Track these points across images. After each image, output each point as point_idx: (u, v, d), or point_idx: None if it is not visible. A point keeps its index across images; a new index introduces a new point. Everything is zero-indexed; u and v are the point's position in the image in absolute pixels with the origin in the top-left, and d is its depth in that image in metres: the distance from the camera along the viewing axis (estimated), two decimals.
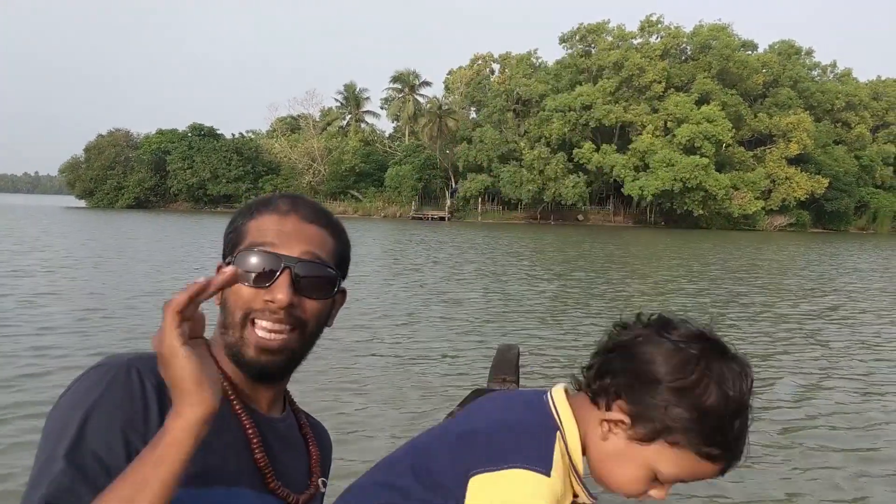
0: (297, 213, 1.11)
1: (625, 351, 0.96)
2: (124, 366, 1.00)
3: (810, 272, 23.93)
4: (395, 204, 68.09)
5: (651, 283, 19.39)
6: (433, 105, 72.25)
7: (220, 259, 1.15)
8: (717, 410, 0.92)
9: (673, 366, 0.93)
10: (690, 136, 60.28)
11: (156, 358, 0.93)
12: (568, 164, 62.86)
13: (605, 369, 0.97)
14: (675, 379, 0.92)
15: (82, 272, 16.95)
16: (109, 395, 0.97)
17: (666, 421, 0.92)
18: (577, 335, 11.16)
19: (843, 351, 10.46)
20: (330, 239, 1.13)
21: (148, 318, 10.83)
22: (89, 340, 9.33)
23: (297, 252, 1.07)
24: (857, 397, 7.89)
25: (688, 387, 0.92)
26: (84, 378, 1.01)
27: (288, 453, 1.13)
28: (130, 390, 0.98)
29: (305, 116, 76.40)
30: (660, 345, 0.94)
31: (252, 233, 1.09)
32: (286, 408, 1.19)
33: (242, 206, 1.17)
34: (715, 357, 0.95)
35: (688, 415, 0.91)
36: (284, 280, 1.04)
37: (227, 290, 1.06)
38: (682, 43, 69.94)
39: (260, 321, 1.05)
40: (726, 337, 0.98)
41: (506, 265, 22.90)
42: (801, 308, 14.78)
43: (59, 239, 28.14)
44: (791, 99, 69.39)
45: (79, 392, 0.98)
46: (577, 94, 63.19)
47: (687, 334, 0.96)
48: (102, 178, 71.88)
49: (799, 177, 65.94)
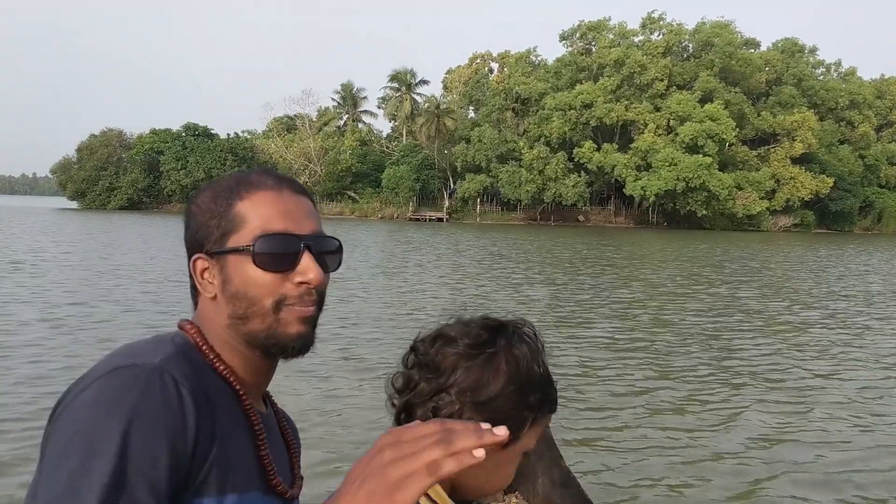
0: (286, 187, 1.07)
1: (448, 386, 0.97)
2: (157, 369, 0.91)
3: (857, 285, 23.70)
4: (393, 205, 67.91)
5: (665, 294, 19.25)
6: (431, 104, 72.02)
7: (190, 255, 1.07)
8: (544, 377, 1.01)
9: (500, 374, 0.97)
10: (693, 134, 60.13)
11: (186, 358, 0.94)
12: (568, 163, 62.73)
13: (440, 409, 0.98)
14: (507, 383, 0.96)
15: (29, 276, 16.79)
16: (147, 402, 0.88)
17: (527, 415, 0.97)
18: (577, 335, 11.04)
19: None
20: (314, 207, 1.11)
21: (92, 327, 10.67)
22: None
23: (307, 229, 1.05)
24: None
25: (524, 381, 0.97)
26: (108, 379, 0.90)
27: (276, 448, 1.11)
28: (168, 399, 0.90)
29: (302, 116, 76.26)
30: (473, 364, 0.98)
31: (250, 215, 1.03)
32: (266, 400, 1.17)
33: (208, 187, 1.09)
34: (514, 341, 1.01)
35: (539, 396, 0.98)
36: (310, 260, 1.03)
37: (237, 280, 1.02)
38: (684, 40, 69.92)
39: (293, 307, 1.03)
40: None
41: (506, 266, 22.77)
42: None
43: (27, 241, 27.94)
44: (795, 97, 69.33)
45: (105, 396, 0.88)
46: (577, 92, 63.07)
47: (476, 338, 1.00)
48: (94, 178, 71.63)
49: (803, 176, 65.85)
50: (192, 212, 1.08)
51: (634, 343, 10.79)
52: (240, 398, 1.03)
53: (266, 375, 1.10)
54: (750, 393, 8.04)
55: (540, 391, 0.99)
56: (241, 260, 1.02)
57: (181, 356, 0.96)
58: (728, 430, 6.71)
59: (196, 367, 0.98)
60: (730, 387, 8.29)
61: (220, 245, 1.03)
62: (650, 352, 10.16)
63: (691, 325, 12.50)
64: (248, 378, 1.06)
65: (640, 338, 11.22)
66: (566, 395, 7.38)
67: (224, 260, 1.03)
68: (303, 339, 1.04)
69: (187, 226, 1.08)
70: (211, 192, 1.07)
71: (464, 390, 0.96)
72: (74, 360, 8.24)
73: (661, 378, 8.61)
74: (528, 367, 0.99)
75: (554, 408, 1.03)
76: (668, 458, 5.92)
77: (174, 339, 1.01)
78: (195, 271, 1.06)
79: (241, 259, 1.02)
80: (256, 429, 1.04)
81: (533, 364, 1.00)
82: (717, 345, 10.86)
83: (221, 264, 1.03)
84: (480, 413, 0.95)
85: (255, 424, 1.04)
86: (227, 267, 1.03)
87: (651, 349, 10.36)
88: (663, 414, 7.14)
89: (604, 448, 6.09)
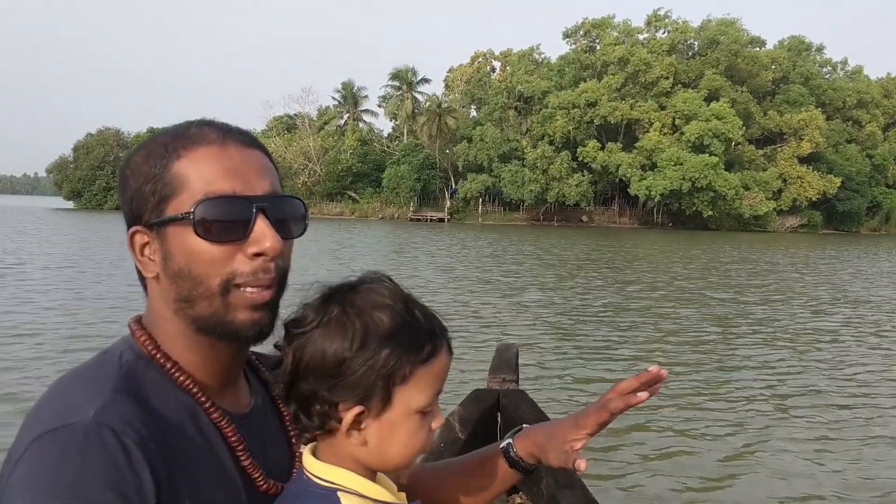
0: (232, 140, 0.92)
1: (300, 372, 0.91)
2: (93, 426, 0.78)
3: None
4: (393, 205, 67.93)
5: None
6: (432, 103, 72.00)
7: (128, 227, 0.93)
8: (397, 323, 0.91)
9: (336, 337, 0.90)
10: (699, 133, 60.12)
11: (130, 390, 0.83)
12: (572, 163, 62.68)
13: (304, 401, 0.93)
14: (349, 345, 0.89)
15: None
16: (88, 472, 0.75)
17: (381, 374, 0.90)
18: (576, 334, 11.01)
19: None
20: (271, 162, 0.96)
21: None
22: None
23: (260, 189, 0.91)
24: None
25: (363, 336, 0.90)
26: (39, 449, 0.77)
27: (270, 440, 1.01)
28: (113, 460, 0.77)
29: (302, 115, 76.30)
30: (312, 337, 0.91)
31: (190, 177, 0.88)
32: (251, 388, 1.03)
33: (142, 146, 0.93)
34: (350, 297, 0.93)
35: (387, 350, 0.90)
36: (265, 225, 0.89)
37: (179, 256, 0.89)
38: (690, 38, 69.93)
39: (244, 289, 0.89)
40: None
41: (506, 267, 22.75)
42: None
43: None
44: (803, 96, 69.29)
45: (39, 476, 0.75)
46: (581, 90, 63.09)
47: (316, 309, 0.93)
48: (91, 178, 71.74)
49: (811, 176, 65.78)
50: (125, 176, 0.92)
51: (644, 347, 10.75)
52: (206, 412, 0.91)
53: (236, 361, 0.97)
54: (750, 393, 8.00)
55: (392, 342, 0.90)
56: (181, 231, 0.88)
57: (122, 395, 0.83)
58: (732, 435, 6.67)
59: (147, 392, 0.86)
60: (734, 389, 8.25)
61: (158, 214, 0.89)
62: (663, 356, 10.12)
63: (707, 333, 12.46)
64: (214, 376, 0.95)
65: (652, 343, 11.18)
66: (572, 400, 7.35)
67: (164, 232, 0.89)
68: (258, 326, 0.91)
69: (122, 194, 0.93)
70: (145, 151, 0.92)
71: (311, 368, 0.90)
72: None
73: (669, 382, 8.54)
74: (368, 320, 0.90)
75: (429, 355, 0.93)
76: (674, 462, 5.89)
77: (121, 360, 0.89)
78: (134, 247, 0.92)
79: (182, 229, 0.88)
80: (232, 440, 0.93)
81: (378, 314, 0.91)
82: (727, 350, 10.82)
83: (161, 237, 0.89)
84: (337, 387, 0.90)
85: (230, 437, 0.93)
86: (168, 240, 0.89)
87: (661, 352, 10.32)
88: (671, 419, 7.09)
89: (609, 450, 6.05)
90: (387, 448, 0.94)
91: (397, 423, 0.93)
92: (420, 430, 0.95)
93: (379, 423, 0.93)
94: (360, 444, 0.93)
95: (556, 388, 7.91)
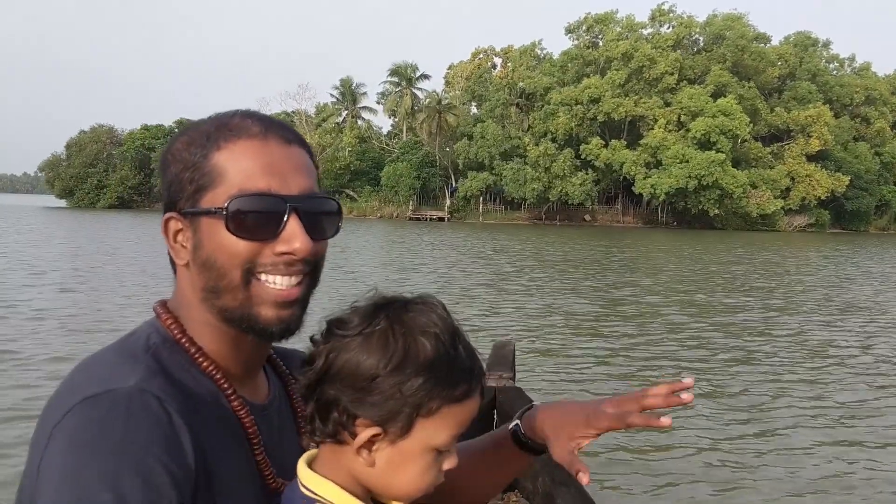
0: (274, 135, 0.93)
1: (329, 375, 0.90)
2: (137, 391, 0.81)
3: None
4: (392, 204, 67.85)
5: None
6: (432, 100, 71.93)
7: (164, 211, 0.95)
8: (439, 354, 0.89)
9: (375, 352, 0.89)
10: (706, 130, 59.90)
11: (163, 369, 0.84)
12: (575, 160, 62.53)
13: (324, 405, 0.91)
14: (385, 363, 0.88)
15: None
16: (136, 431, 0.78)
17: (409, 402, 0.88)
18: (574, 333, 11.01)
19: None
20: (310, 159, 0.97)
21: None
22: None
23: (296, 187, 0.92)
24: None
25: (402, 359, 0.88)
26: (83, 412, 0.79)
27: (284, 436, 1.01)
28: (158, 420, 0.80)
29: (299, 112, 76.26)
30: (351, 344, 0.90)
31: (229, 170, 0.90)
32: (269, 381, 1.04)
33: (185, 132, 0.95)
34: (400, 314, 0.91)
35: (421, 380, 0.88)
36: (297, 225, 0.91)
37: (209, 246, 0.90)
38: (695, 33, 69.86)
39: (269, 276, 0.91)
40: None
41: (505, 266, 22.75)
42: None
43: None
44: (811, 93, 69.15)
45: (85, 433, 0.77)
46: (584, 86, 63.00)
47: (363, 315, 0.91)
48: (83, 176, 71.72)
49: (819, 174, 65.57)
50: (166, 161, 0.95)
51: (644, 347, 10.75)
52: (228, 399, 0.92)
53: (259, 353, 0.99)
54: (750, 393, 8.00)
55: (429, 372, 0.88)
56: (214, 223, 0.90)
57: (156, 372, 0.86)
58: (732, 435, 6.67)
59: (175, 373, 0.88)
60: (739, 392, 8.25)
61: (193, 204, 0.91)
62: (671, 359, 10.12)
63: (724, 339, 12.45)
64: (237, 365, 0.96)
65: (652, 343, 11.18)
66: (569, 396, 7.34)
67: (197, 222, 0.91)
68: (284, 323, 0.93)
69: (162, 178, 0.95)
70: (187, 137, 0.94)
71: (342, 375, 0.89)
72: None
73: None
74: (409, 342, 0.88)
75: (463, 395, 0.91)
76: (675, 463, 5.89)
77: (148, 342, 0.90)
78: (167, 233, 0.94)
79: (215, 222, 0.90)
80: (249, 432, 0.93)
81: (423, 339, 0.89)
82: (727, 350, 10.82)
83: (195, 226, 0.91)
84: (362, 402, 0.88)
85: (248, 427, 0.93)
86: (200, 230, 0.91)
87: (661, 352, 10.32)
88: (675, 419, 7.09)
89: (606, 450, 6.05)
90: (393, 477, 0.92)
91: (411, 455, 0.92)
92: (431, 468, 0.93)
93: (392, 450, 0.91)
94: (367, 464, 0.92)
95: (553, 384, 7.93)
